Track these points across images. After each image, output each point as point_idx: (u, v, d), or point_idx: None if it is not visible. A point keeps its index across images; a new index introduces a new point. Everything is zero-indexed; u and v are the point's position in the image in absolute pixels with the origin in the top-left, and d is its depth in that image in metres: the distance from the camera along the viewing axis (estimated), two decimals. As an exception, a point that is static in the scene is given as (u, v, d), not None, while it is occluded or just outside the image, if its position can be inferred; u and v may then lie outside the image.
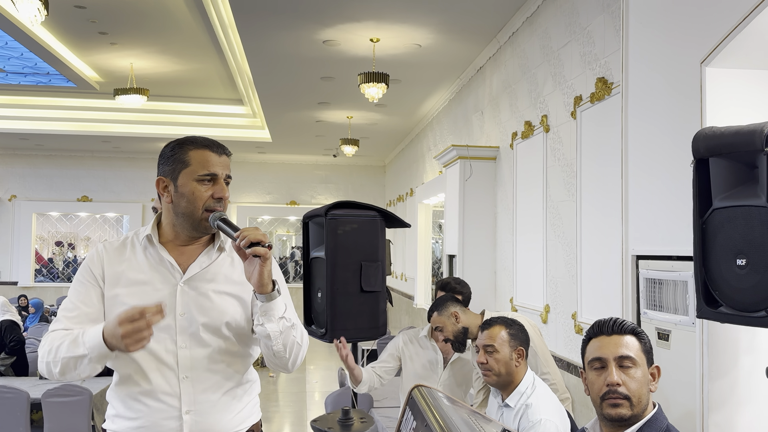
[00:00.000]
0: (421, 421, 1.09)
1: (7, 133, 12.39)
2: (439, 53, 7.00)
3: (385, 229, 3.19)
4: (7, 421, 5.00)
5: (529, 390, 2.45)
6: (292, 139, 12.47)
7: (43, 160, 14.70)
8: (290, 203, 15.30)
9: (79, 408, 5.07)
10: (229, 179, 1.90)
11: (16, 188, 14.71)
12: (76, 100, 11.59)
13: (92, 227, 17.19)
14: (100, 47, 8.55)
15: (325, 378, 9.37)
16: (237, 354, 1.89)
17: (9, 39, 8.27)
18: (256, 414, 1.96)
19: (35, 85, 10.84)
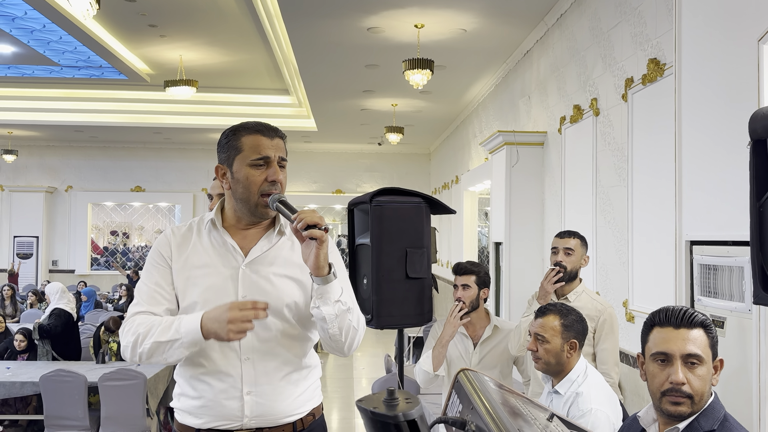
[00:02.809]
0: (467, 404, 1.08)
1: (63, 125, 12.80)
2: (484, 38, 6.91)
3: (430, 216, 3.17)
4: (67, 404, 5.20)
5: (581, 378, 2.40)
6: (337, 128, 12.53)
7: (98, 152, 15.14)
8: (336, 192, 15.39)
9: (134, 391, 5.23)
10: (283, 161, 1.91)
11: (72, 179, 15.20)
12: (128, 93, 11.88)
13: (145, 216, 17.67)
14: (150, 40, 8.73)
15: (371, 364, 9.44)
16: (297, 337, 1.92)
17: (63, 33, 8.52)
18: (317, 398, 1.99)
19: (89, 78, 11.15)
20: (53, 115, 12.42)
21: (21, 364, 6.00)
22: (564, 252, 3.25)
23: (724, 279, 2.58)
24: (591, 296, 3.26)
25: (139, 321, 1.84)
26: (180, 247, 1.93)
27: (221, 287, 1.87)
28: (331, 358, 10.00)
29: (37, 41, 9.02)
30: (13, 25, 8.33)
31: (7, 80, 11.29)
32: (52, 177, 15.17)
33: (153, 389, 5.46)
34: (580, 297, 3.22)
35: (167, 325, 1.80)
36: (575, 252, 3.25)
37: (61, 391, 5.18)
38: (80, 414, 5.22)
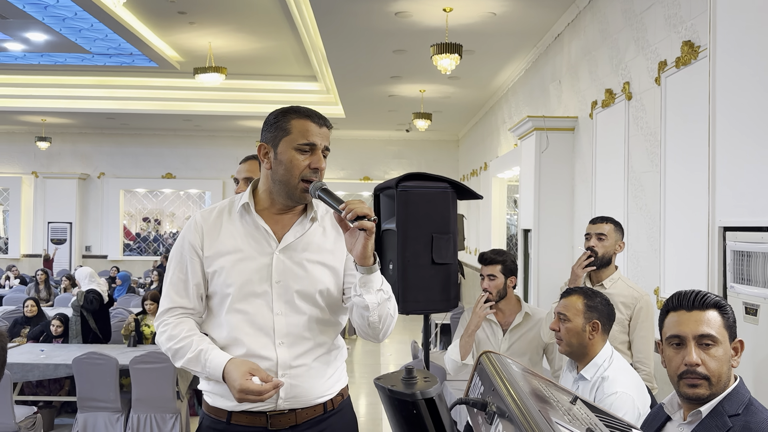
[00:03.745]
0: (488, 386, 1.08)
1: (95, 113, 13.00)
2: (514, 21, 6.82)
3: (456, 201, 3.15)
4: (99, 386, 5.31)
5: (606, 363, 2.38)
6: (364, 114, 12.52)
7: (129, 139, 15.36)
8: (363, 179, 15.40)
9: (165, 374, 5.32)
10: (327, 151, 1.91)
11: (105, 166, 15.46)
12: (158, 80, 12.01)
13: (176, 203, 17.90)
14: (180, 27, 8.80)
15: (399, 350, 9.47)
16: (329, 322, 1.94)
17: (94, 21, 8.63)
18: (344, 379, 2.02)
19: (119, 66, 11.29)
20: (85, 102, 12.61)
21: (55, 347, 6.14)
22: (596, 237, 3.22)
23: (758, 265, 2.52)
24: (627, 283, 3.23)
25: (170, 332, 1.89)
26: (210, 233, 1.93)
27: (255, 273, 1.88)
28: (358, 343, 10.05)
29: (68, 29, 9.15)
30: (46, 13, 8.46)
31: (40, 68, 11.49)
32: (85, 164, 15.44)
33: (183, 372, 5.54)
34: (616, 284, 3.18)
35: (196, 357, 1.85)
36: (608, 237, 3.21)
37: (93, 373, 5.29)
38: (112, 396, 5.33)
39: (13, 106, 12.60)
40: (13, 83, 12.17)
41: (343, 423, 1.97)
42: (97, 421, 5.36)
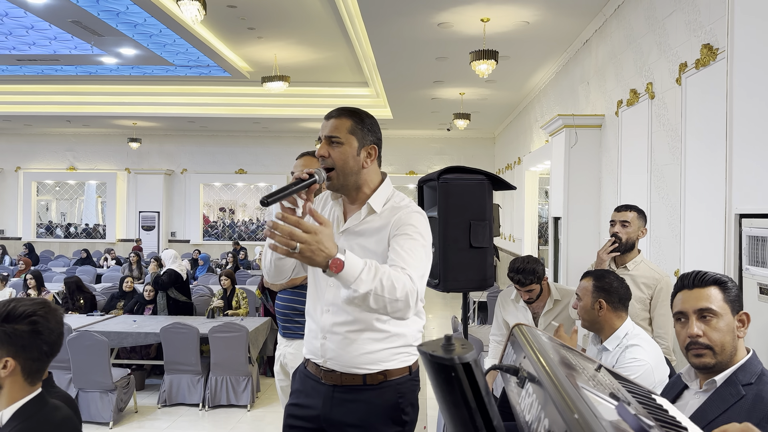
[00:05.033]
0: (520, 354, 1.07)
1: (179, 117, 13.32)
2: (546, 29, 6.68)
3: (492, 192, 3.12)
4: (182, 352, 5.47)
5: (628, 337, 2.34)
6: (410, 115, 12.47)
7: (207, 140, 15.69)
8: (409, 173, 15.37)
9: (239, 342, 5.44)
10: (332, 139, 1.86)
11: (187, 163, 15.83)
12: (231, 88, 12.21)
13: (247, 195, 18.22)
14: (249, 41, 8.92)
15: (440, 325, 9.45)
16: None
17: (176, 37, 8.83)
18: (394, 362, 1.90)
19: (198, 76, 11.53)
20: (170, 108, 12.94)
21: (145, 318, 6.35)
22: (620, 224, 3.15)
23: (773, 249, 2.41)
24: (649, 266, 3.15)
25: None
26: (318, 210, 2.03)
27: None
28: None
29: (155, 44, 9.39)
30: (135, 30, 8.70)
31: (131, 79, 11.84)
32: (170, 161, 15.85)
33: (254, 340, 5.66)
34: (639, 266, 3.11)
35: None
36: (631, 224, 3.13)
37: (177, 340, 5.45)
38: (193, 360, 5.49)
39: (109, 111, 13.02)
40: (109, 92, 12.56)
41: (380, 401, 1.88)
42: (181, 382, 5.52)
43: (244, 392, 5.49)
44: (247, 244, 15.15)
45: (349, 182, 1.88)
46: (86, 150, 15.89)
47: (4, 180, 15.95)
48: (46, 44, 9.55)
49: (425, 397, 5.88)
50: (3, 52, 10.07)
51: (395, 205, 1.91)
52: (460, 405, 0.75)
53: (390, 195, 1.96)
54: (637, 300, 2.97)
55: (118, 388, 5.09)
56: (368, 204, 1.91)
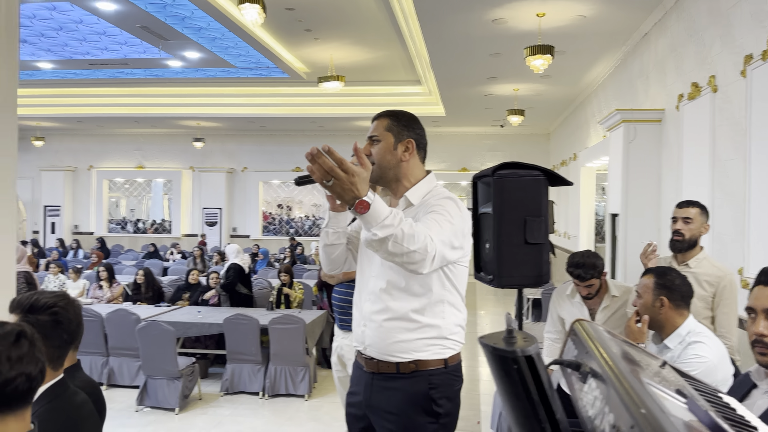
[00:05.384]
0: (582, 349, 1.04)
1: (239, 117, 13.66)
2: (603, 23, 6.48)
3: (547, 187, 3.06)
4: (244, 342, 5.61)
5: (691, 335, 2.25)
6: (463, 112, 12.36)
7: (266, 139, 16.01)
8: (461, 170, 15.25)
9: (296, 334, 5.54)
10: (372, 139, 2.03)
11: (247, 162, 16.22)
12: (289, 88, 12.42)
13: (304, 192, 18.49)
14: (306, 42, 9.04)
15: (493, 321, 9.35)
16: (404, 290, 1.92)
17: (238, 40, 9.05)
18: (427, 353, 1.92)
19: (258, 77, 11.77)
20: (231, 109, 13.27)
21: (209, 309, 6.54)
22: (683, 221, 3.03)
23: None
24: (712, 263, 3.02)
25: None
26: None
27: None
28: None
29: (218, 47, 9.65)
30: (199, 34, 8.96)
31: (195, 81, 12.21)
32: (231, 160, 16.27)
33: (311, 332, 5.76)
34: (701, 263, 2.99)
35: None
36: (694, 220, 3.01)
37: (239, 331, 5.60)
38: (254, 350, 5.62)
39: (175, 113, 13.47)
40: (174, 94, 12.99)
41: (412, 390, 1.91)
42: (243, 371, 5.67)
43: (301, 382, 5.59)
44: (303, 240, 15.40)
45: (388, 175, 2.00)
46: (154, 149, 16.50)
47: (78, 178, 16.75)
48: (117, 49, 9.97)
49: (478, 392, 5.84)
50: (77, 57, 10.56)
51: (433, 197, 1.98)
52: (522, 398, 0.74)
53: (431, 189, 2.02)
54: (699, 298, 2.85)
55: (183, 376, 5.27)
56: (405, 196, 1.99)
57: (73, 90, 12.99)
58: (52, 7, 8.04)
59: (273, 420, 5.07)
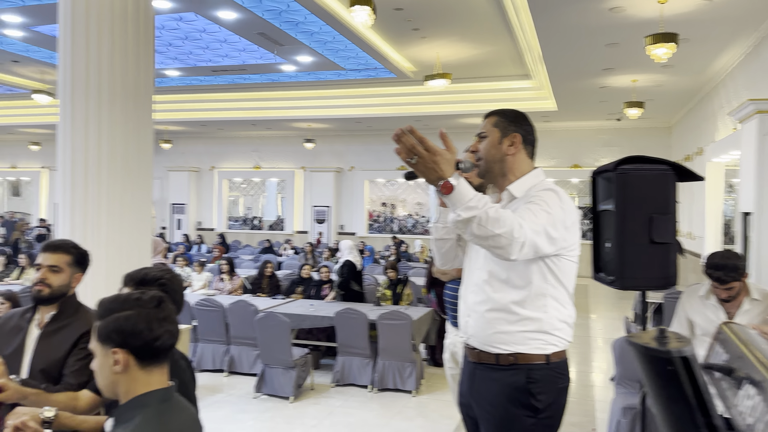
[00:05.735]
0: (734, 354, 0.96)
1: (347, 118, 14.01)
2: (732, 7, 5.96)
3: (676, 183, 2.85)
4: (353, 335, 5.75)
5: None
6: (576, 106, 11.87)
7: (372, 138, 16.30)
8: (573, 166, 14.66)
9: (404, 330, 5.59)
10: (479, 135, 2.08)
11: (354, 161, 16.61)
12: (395, 88, 12.55)
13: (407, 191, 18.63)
14: (413, 42, 9.10)
15: (608, 326, 8.90)
16: (506, 281, 1.93)
17: (348, 43, 9.28)
18: (527, 348, 1.91)
19: (366, 79, 12.01)
20: (339, 110, 13.64)
21: (321, 303, 6.76)
22: None
23: None
24: None
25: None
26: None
27: None
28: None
29: (328, 51, 9.95)
30: (312, 38, 9.29)
31: (307, 84, 12.67)
32: (339, 159, 16.74)
33: (417, 329, 5.78)
34: None
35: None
36: None
37: (349, 325, 5.74)
38: (363, 344, 5.74)
39: (288, 115, 14.07)
40: (287, 97, 13.58)
41: (510, 383, 1.92)
42: (353, 364, 5.81)
43: (409, 378, 5.63)
44: (406, 238, 15.52)
45: (493, 169, 2.04)
46: (269, 150, 17.34)
47: (202, 178, 17.96)
48: (236, 55, 10.57)
49: (592, 399, 5.58)
50: (201, 64, 11.33)
51: (535, 189, 1.98)
52: (678, 400, 0.69)
53: (536, 183, 2.02)
54: None
55: (297, 366, 5.49)
56: (508, 189, 2.02)
57: (196, 96, 13.94)
58: (179, 18, 8.67)
59: (382, 413, 5.15)
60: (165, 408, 1.42)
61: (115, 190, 3.64)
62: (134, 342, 1.41)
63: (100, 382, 1.46)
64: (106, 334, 1.41)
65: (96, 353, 1.44)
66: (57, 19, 3.81)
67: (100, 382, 1.45)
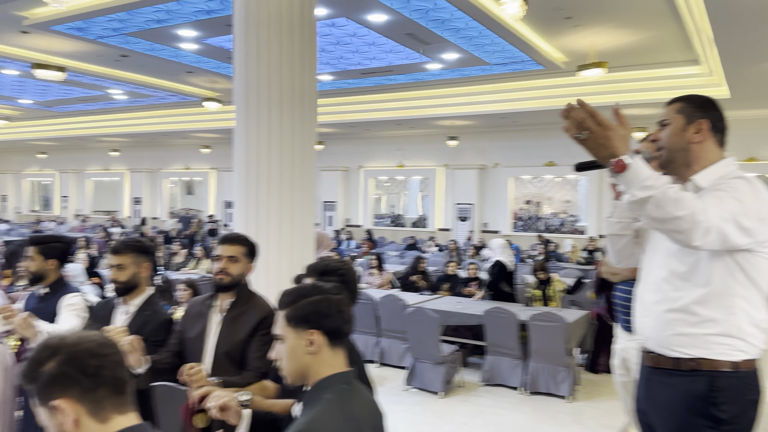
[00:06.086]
0: None
1: (492, 114, 13.81)
2: None
3: None
4: (502, 335, 5.66)
5: None
6: (753, 93, 10.66)
7: (517, 134, 15.93)
8: (748, 159, 13.17)
9: (557, 332, 5.40)
10: (661, 123, 1.96)
11: (498, 158, 16.35)
12: (543, 80, 12.14)
13: (554, 188, 17.96)
14: (565, 31, 8.74)
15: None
16: (686, 278, 1.79)
17: (494, 37, 9.14)
18: (710, 352, 1.75)
19: (512, 72, 11.75)
20: (483, 106, 13.49)
21: (468, 301, 6.75)
22: None
23: None
24: None
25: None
26: None
27: None
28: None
29: (474, 46, 9.88)
30: (457, 35, 9.28)
31: (451, 81, 12.70)
32: (483, 156, 16.57)
33: (572, 332, 5.56)
34: None
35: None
36: None
37: (498, 324, 5.67)
38: (513, 345, 5.64)
39: (432, 114, 14.19)
40: (431, 96, 13.70)
41: (689, 390, 1.77)
42: (502, 364, 5.73)
43: (563, 383, 5.43)
44: (552, 236, 14.96)
45: (677, 159, 1.88)
46: (412, 149, 17.65)
47: (350, 177, 18.75)
48: (383, 57, 10.87)
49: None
50: (350, 68, 11.81)
51: (724, 179, 1.79)
52: None
53: (725, 174, 1.82)
54: None
55: (446, 362, 5.53)
56: (692, 180, 1.85)
57: (345, 99, 14.56)
58: (331, 24, 9.10)
59: (535, 417, 5.02)
60: (347, 390, 1.49)
61: (283, 188, 3.92)
62: (329, 324, 1.51)
63: (289, 366, 1.52)
64: (302, 317, 1.51)
65: (285, 338, 1.52)
66: (226, 32, 4.18)
67: (290, 366, 1.52)
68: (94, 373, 1.09)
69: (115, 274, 2.59)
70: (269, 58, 3.96)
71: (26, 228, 17.32)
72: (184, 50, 10.63)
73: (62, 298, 2.81)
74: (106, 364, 1.12)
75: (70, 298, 2.81)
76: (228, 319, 2.45)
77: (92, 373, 1.09)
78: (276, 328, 1.55)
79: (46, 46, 10.25)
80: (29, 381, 1.10)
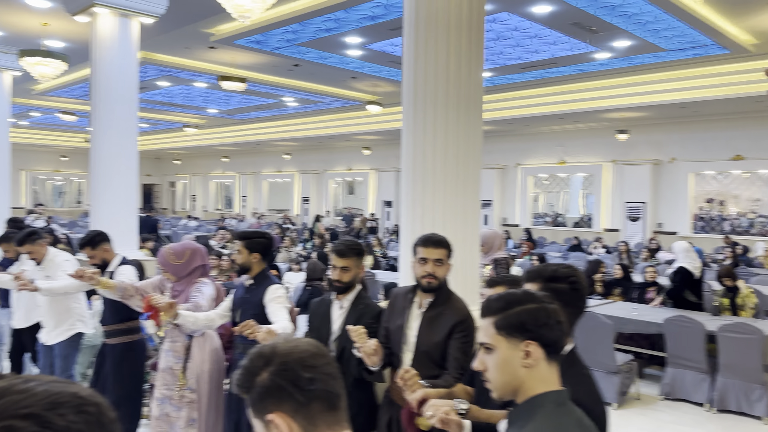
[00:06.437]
0: None
1: (668, 104, 12.72)
2: None
3: None
4: (686, 346, 5.19)
5: None
6: None
7: (698, 125, 14.51)
8: None
9: (750, 346, 4.84)
10: None
11: (675, 152, 15.02)
12: (729, 66, 10.94)
13: (743, 185, 16.09)
14: (756, 9, 7.80)
15: None
16: None
17: (671, 21, 8.42)
18: None
19: (692, 58, 10.74)
20: (658, 96, 12.47)
21: (645, 308, 6.28)
22: None
23: None
24: None
25: None
26: None
27: None
28: None
29: (648, 32, 9.18)
30: (629, 21, 8.68)
31: (621, 71, 11.92)
32: (657, 150, 15.32)
33: (772, 347, 4.94)
34: None
35: None
36: None
37: (682, 334, 5.21)
38: (699, 357, 5.15)
39: (598, 106, 13.43)
40: (598, 87, 12.96)
41: None
42: (685, 378, 5.27)
43: (758, 402, 4.85)
44: (741, 239, 13.39)
45: None
46: (575, 144, 16.86)
47: (507, 175, 18.41)
48: (545, 50, 10.52)
49: None
50: (510, 63, 11.57)
51: None
52: None
53: None
54: None
55: (621, 372, 5.21)
56: None
57: (504, 95, 14.31)
58: (492, 19, 8.99)
59: (724, 438, 4.55)
60: (562, 412, 1.33)
61: (448, 188, 3.96)
62: (548, 335, 1.35)
63: (499, 378, 1.37)
64: (517, 325, 1.35)
65: (496, 347, 1.37)
66: (389, 36, 4.29)
67: (500, 378, 1.37)
68: (308, 387, 1.04)
69: (340, 275, 2.78)
70: (437, 58, 4.01)
71: (212, 225, 19.37)
72: (349, 56, 11.18)
73: (267, 289, 3.08)
74: (319, 377, 1.05)
75: (275, 290, 3.08)
76: (426, 318, 2.53)
77: (305, 386, 1.04)
78: (482, 336, 1.40)
79: (229, 60, 11.38)
80: (244, 391, 1.07)
